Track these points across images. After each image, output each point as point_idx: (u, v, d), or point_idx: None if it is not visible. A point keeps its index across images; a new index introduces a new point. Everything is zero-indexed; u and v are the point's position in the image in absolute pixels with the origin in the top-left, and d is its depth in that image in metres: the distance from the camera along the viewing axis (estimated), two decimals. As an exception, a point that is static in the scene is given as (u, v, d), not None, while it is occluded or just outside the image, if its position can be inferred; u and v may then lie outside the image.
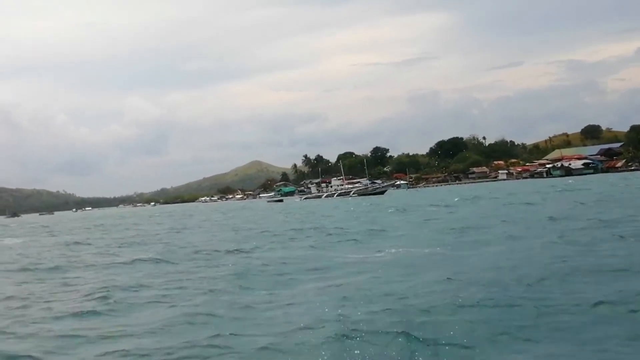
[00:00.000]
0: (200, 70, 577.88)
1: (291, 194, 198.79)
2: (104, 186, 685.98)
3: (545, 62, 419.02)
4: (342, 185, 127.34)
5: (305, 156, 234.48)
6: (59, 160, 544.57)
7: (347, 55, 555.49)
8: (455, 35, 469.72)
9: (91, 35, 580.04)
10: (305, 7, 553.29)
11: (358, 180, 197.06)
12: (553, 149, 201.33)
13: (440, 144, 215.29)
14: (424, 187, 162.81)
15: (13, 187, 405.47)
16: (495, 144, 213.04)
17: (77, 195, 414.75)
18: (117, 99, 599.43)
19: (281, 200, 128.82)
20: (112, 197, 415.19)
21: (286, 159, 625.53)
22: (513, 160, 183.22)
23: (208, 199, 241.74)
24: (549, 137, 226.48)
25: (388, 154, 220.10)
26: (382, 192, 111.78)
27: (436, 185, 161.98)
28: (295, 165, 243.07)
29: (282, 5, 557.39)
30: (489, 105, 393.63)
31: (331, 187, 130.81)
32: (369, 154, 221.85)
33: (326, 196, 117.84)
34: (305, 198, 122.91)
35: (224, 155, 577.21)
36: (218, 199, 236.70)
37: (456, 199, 59.78)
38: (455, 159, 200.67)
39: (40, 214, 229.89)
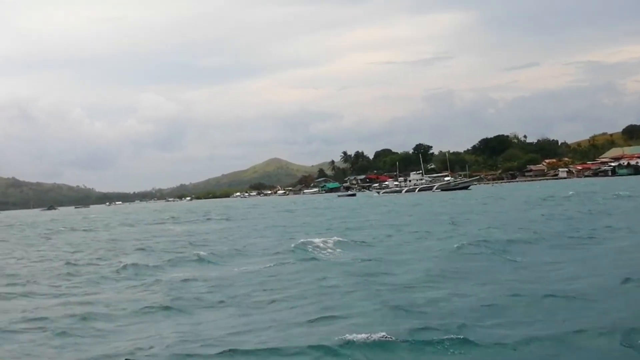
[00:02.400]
0: (216, 66, 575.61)
1: (336, 189, 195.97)
2: (120, 181, 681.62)
3: (563, 63, 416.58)
4: (421, 179, 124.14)
5: (345, 153, 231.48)
6: (74, 154, 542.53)
7: (363, 53, 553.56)
8: (471, 34, 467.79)
9: (108, 30, 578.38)
10: (322, 5, 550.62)
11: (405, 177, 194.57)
12: (596, 148, 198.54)
13: (485, 142, 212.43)
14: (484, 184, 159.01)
15: (33, 180, 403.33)
16: (539, 142, 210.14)
17: (97, 189, 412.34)
18: (134, 95, 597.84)
19: (354, 195, 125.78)
20: (131, 192, 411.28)
21: (303, 156, 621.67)
22: (566, 159, 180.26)
23: (247, 194, 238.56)
24: (592, 137, 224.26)
25: (430, 151, 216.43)
26: (466, 187, 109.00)
27: (494, 183, 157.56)
28: (333, 162, 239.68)
29: (299, 2, 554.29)
30: (505, 105, 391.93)
31: (409, 181, 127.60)
32: (411, 151, 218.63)
33: (406, 191, 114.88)
34: (384, 192, 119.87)
35: (240, 152, 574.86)
36: (257, 194, 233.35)
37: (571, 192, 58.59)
38: (503, 156, 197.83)
39: (76, 207, 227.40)
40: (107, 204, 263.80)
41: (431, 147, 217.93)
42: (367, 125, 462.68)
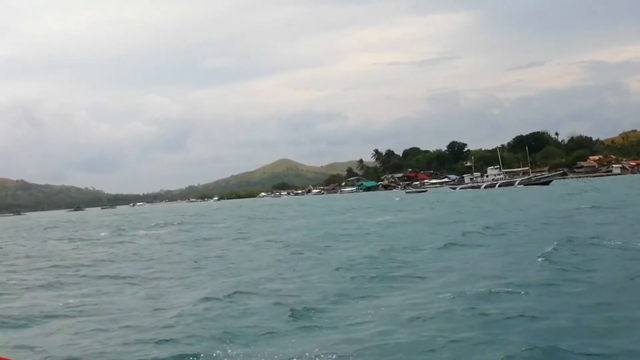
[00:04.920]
0: (221, 67, 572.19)
1: (373, 188, 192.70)
2: (126, 183, 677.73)
3: (568, 62, 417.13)
4: (499, 174, 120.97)
5: (376, 151, 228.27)
6: (80, 157, 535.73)
7: (368, 54, 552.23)
8: (476, 34, 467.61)
9: (113, 32, 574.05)
10: (327, 6, 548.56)
11: (445, 175, 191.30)
12: (631, 146, 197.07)
13: (520, 139, 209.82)
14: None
15: (42, 183, 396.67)
16: (574, 139, 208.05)
17: (106, 192, 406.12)
18: (139, 97, 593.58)
19: (425, 191, 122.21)
20: (140, 194, 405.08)
21: (310, 157, 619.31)
22: (612, 155, 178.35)
23: (279, 193, 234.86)
24: (622, 133, 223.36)
25: (465, 149, 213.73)
26: (548, 183, 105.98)
27: (579, 178, 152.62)
28: (361, 161, 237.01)
29: (303, 3, 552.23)
30: (510, 105, 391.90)
31: (487, 176, 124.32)
32: (445, 149, 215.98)
33: (486, 186, 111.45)
34: (461, 188, 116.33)
35: (246, 153, 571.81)
36: (287, 194, 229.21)
37: None
38: (541, 153, 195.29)
39: (102, 208, 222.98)
40: (132, 204, 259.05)
41: (465, 144, 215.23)
42: (373, 126, 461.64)
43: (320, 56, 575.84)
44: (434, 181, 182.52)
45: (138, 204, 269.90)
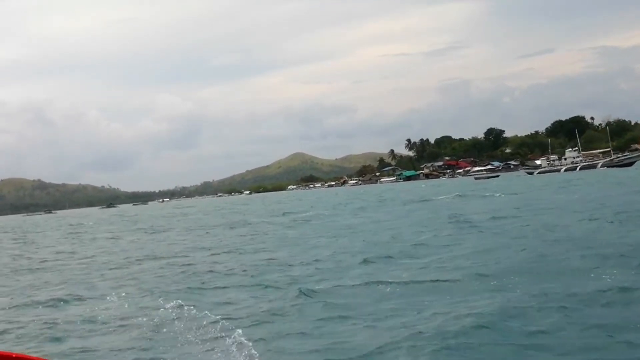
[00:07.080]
0: (230, 64, 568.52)
1: (414, 177, 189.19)
2: (141, 181, 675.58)
3: (578, 49, 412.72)
4: (578, 157, 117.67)
5: (409, 140, 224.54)
6: (94, 156, 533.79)
7: (376, 46, 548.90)
8: (485, 23, 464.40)
9: (122, 32, 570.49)
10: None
11: (488, 162, 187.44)
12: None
13: (560, 124, 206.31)
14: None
15: (58, 182, 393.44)
16: (614, 123, 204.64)
17: (122, 189, 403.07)
18: (149, 95, 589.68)
19: (497, 176, 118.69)
20: (156, 190, 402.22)
21: (323, 150, 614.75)
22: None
23: (312, 185, 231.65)
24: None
25: (503, 135, 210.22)
26: (631, 164, 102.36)
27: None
28: (392, 151, 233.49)
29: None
30: (521, 93, 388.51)
31: (565, 159, 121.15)
32: (482, 136, 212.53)
33: (565, 170, 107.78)
34: (538, 173, 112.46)
35: (257, 148, 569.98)
36: (319, 185, 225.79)
37: None
38: (584, 137, 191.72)
39: (134, 204, 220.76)
40: (161, 200, 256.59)
41: (503, 131, 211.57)
42: (383, 118, 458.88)
43: (328, 50, 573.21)
44: (478, 168, 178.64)
45: (165, 199, 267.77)
